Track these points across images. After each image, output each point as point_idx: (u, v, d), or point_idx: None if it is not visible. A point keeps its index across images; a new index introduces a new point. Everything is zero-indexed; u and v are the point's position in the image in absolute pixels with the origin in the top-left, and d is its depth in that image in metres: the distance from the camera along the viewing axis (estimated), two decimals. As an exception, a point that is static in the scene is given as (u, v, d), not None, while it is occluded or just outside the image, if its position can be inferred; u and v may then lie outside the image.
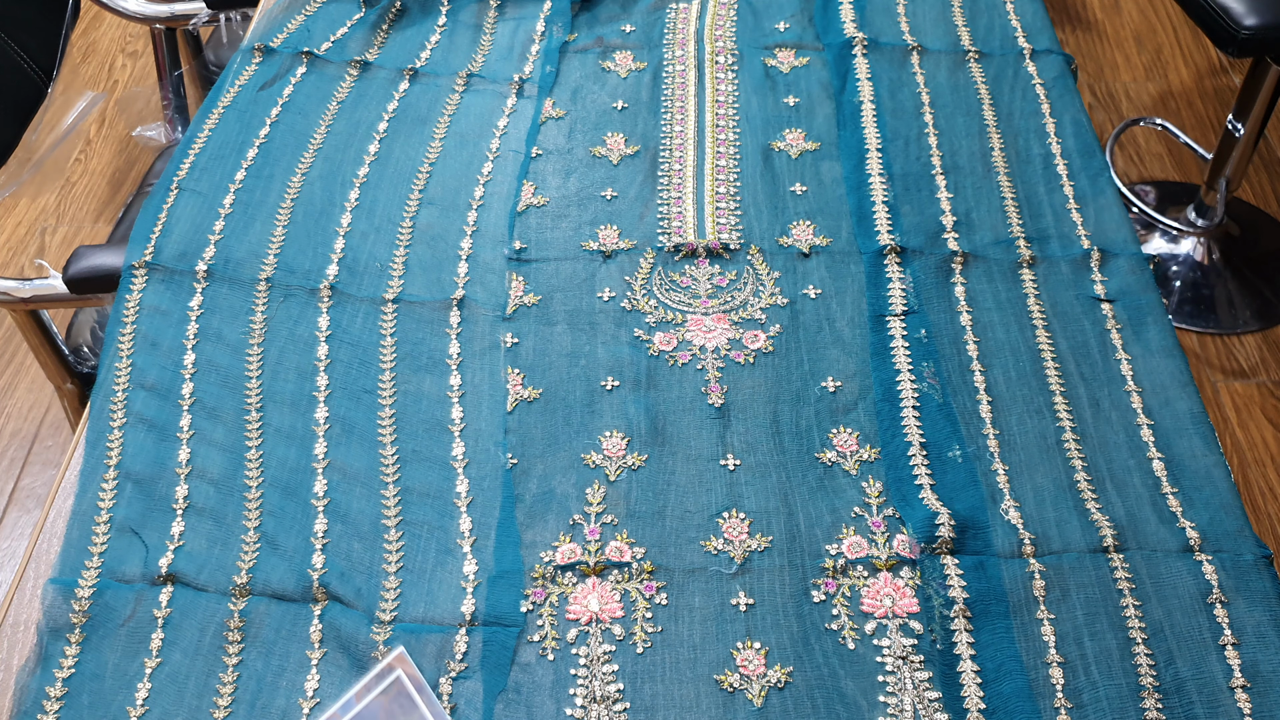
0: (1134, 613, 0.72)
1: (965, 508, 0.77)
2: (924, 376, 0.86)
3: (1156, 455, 0.81)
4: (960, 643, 0.71)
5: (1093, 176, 1.01)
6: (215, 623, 0.73)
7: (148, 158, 2.07)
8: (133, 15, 1.44)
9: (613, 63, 1.15)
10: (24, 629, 0.73)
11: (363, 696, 0.44)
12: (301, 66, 1.13)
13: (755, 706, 0.69)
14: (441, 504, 0.79)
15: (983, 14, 1.19)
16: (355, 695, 0.44)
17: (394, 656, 0.44)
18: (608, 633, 0.72)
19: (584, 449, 0.82)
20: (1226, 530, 0.76)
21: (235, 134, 1.05)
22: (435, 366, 0.88)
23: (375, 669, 0.44)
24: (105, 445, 0.82)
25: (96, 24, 2.38)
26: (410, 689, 0.44)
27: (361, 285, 0.93)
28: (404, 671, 0.44)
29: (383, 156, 1.04)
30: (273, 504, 0.79)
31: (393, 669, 0.44)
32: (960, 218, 0.98)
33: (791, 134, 1.07)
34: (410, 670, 0.44)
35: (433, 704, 0.45)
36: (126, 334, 0.89)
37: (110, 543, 0.77)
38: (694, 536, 0.77)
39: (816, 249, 0.96)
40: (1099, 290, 0.92)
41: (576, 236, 0.97)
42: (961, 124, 1.07)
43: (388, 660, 0.44)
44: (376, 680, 0.44)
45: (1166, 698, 0.69)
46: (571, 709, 0.69)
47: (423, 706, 0.45)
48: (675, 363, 0.88)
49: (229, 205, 0.99)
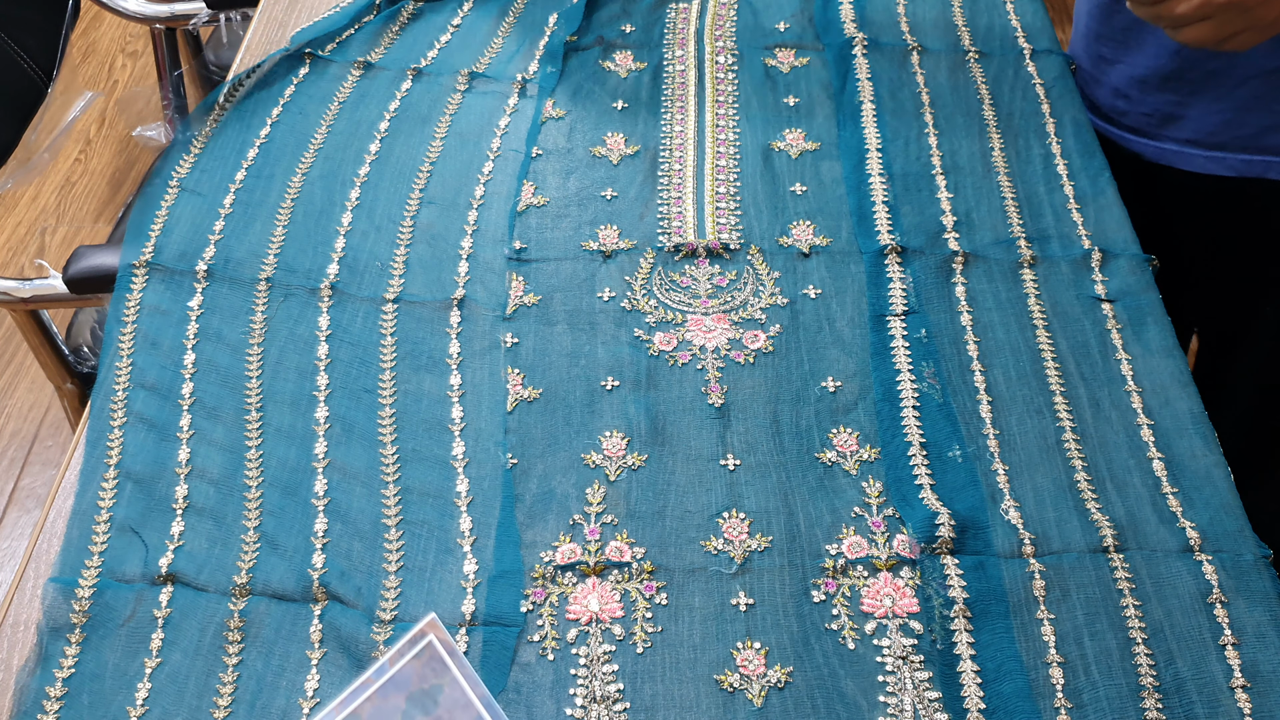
0: (1134, 613, 0.72)
1: (965, 508, 0.77)
2: (924, 376, 0.86)
3: (1156, 455, 0.81)
4: (960, 643, 0.71)
5: (1093, 176, 1.01)
6: (215, 623, 0.73)
7: (148, 158, 2.07)
8: (133, 15, 1.44)
9: (613, 63, 1.15)
10: (24, 629, 0.73)
11: (395, 661, 0.44)
12: (304, 67, 1.13)
13: (755, 706, 0.69)
14: (441, 504, 0.79)
15: (983, 14, 1.19)
16: (389, 660, 0.44)
17: (426, 622, 0.44)
18: (608, 633, 0.73)
19: (584, 449, 0.82)
20: (1226, 530, 0.76)
21: (235, 134, 1.05)
22: (435, 366, 0.88)
23: (408, 634, 0.44)
24: (105, 445, 0.82)
25: (96, 24, 2.38)
26: (442, 653, 0.45)
27: (362, 285, 0.93)
28: (435, 636, 0.44)
29: (383, 156, 1.04)
30: (273, 504, 0.79)
31: (425, 634, 0.44)
32: (960, 218, 0.98)
33: (791, 134, 1.07)
34: (442, 635, 0.44)
35: (464, 667, 0.45)
36: (126, 334, 0.89)
37: (110, 542, 0.77)
38: (694, 536, 0.77)
39: (816, 249, 0.96)
40: (1099, 290, 0.92)
41: (576, 236, 0.97)
42: (961, 124, 1.07)
43: (420, 625, 0.44)
44: (409, 645, 0.44)
45: (1166, 698, 0.69)
46: (571, 709, 0.69)
47: (455, 670, 0.45)
48: (675, 363, 0.88)
49: (229, 205, 0.99)
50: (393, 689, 0.44)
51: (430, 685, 0.44)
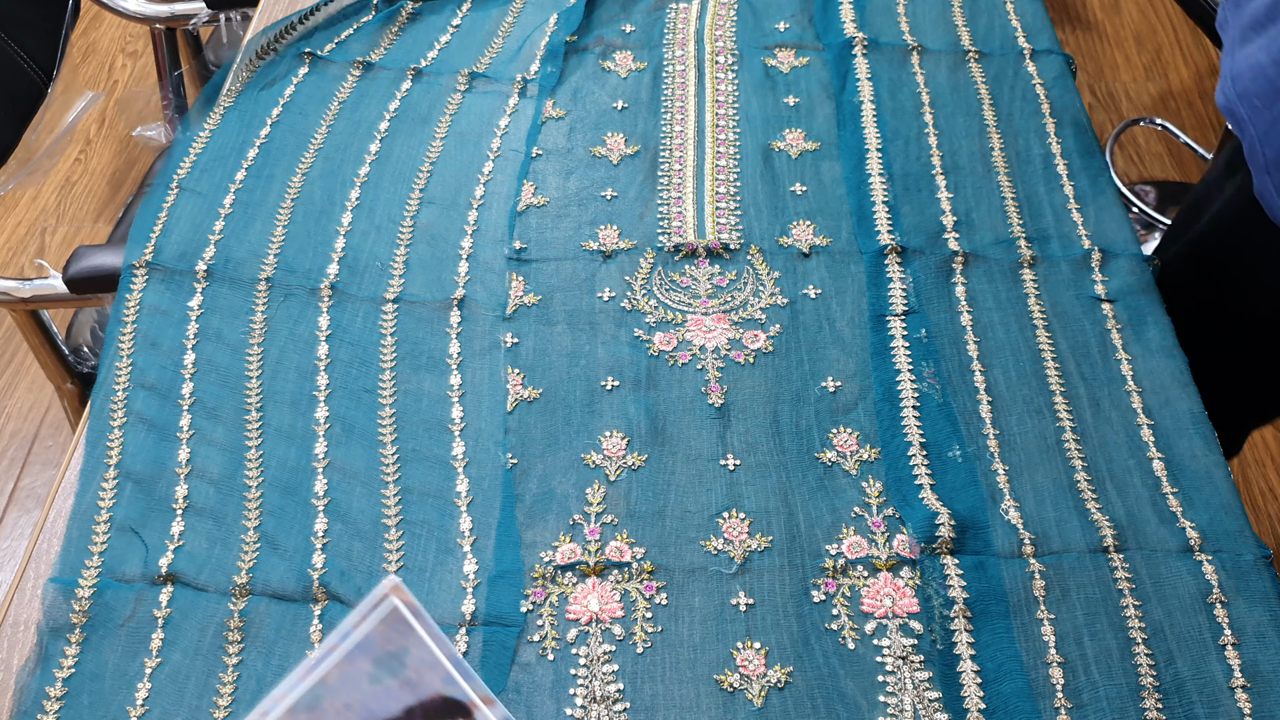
0: (1134, 613, 0.72)
1: (965, 508, 0.77)
2: (924, 376, 0.86)
3: (1156, 455, 0.81)
4: (960, 643, 0.71)
5: (1093, 176, 1.01)
6: (215, 623, 0.73)
7: (148, 158, 2.07)
8: (133, 15, 1.44)
9: (613, 63, 1.15)
10: (24, 629, 0.73)
11: (359, 626, 0.43)
12: (303, 67, 1.13)
13: (755, 706, 0.69)
14: (441, 503, 0.79)
15: (983, 14, 1.19)
16: (352, 626, 0.43)
17: (390, 586, 0.43)
18: (608, 633, 0.73)
19: (584, 449, 0.82)
20: (1226, 530, 0.76)
21: (235, 134, 1.05)
22: (435, 366, 0.88)
23: (369, 598, 0.43)
24: (105, 445, 0.82)
25: (96, 24, 2.38)
26: (407, 614, 0.44)
27: (362, 285, 0.93)
28: (399, 599, 0.44)
29: (383, 156, 1.04)
30: (273, 504, 0.79)
31: (388, 598, 0.44)
32: (960, 218, 0.98)
33: (791, 134, 1.07)
34: (405, 597, 0.44)
35: (431, 628, 0.44)
36: (126, 334, 0.89)
37: (110, 542, 0.77)
38: (694, 536, 0.77)
39: (816, 249, 0.96)
40: (1099, 290, 0.92)
41: (576, 236, 0.97)
42: (961, 124, 1.07)
43: (383, 590, 0.43)
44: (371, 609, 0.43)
45: (1166, 698, 0.69)
46: (571, 709, 0.69)
47: (421, 630, 0.44)
48: (675, 363, 0.88)
49: (229, 205, 0.99)
50: (359, 654, 0.43)
51: (397, 648, 0.43)
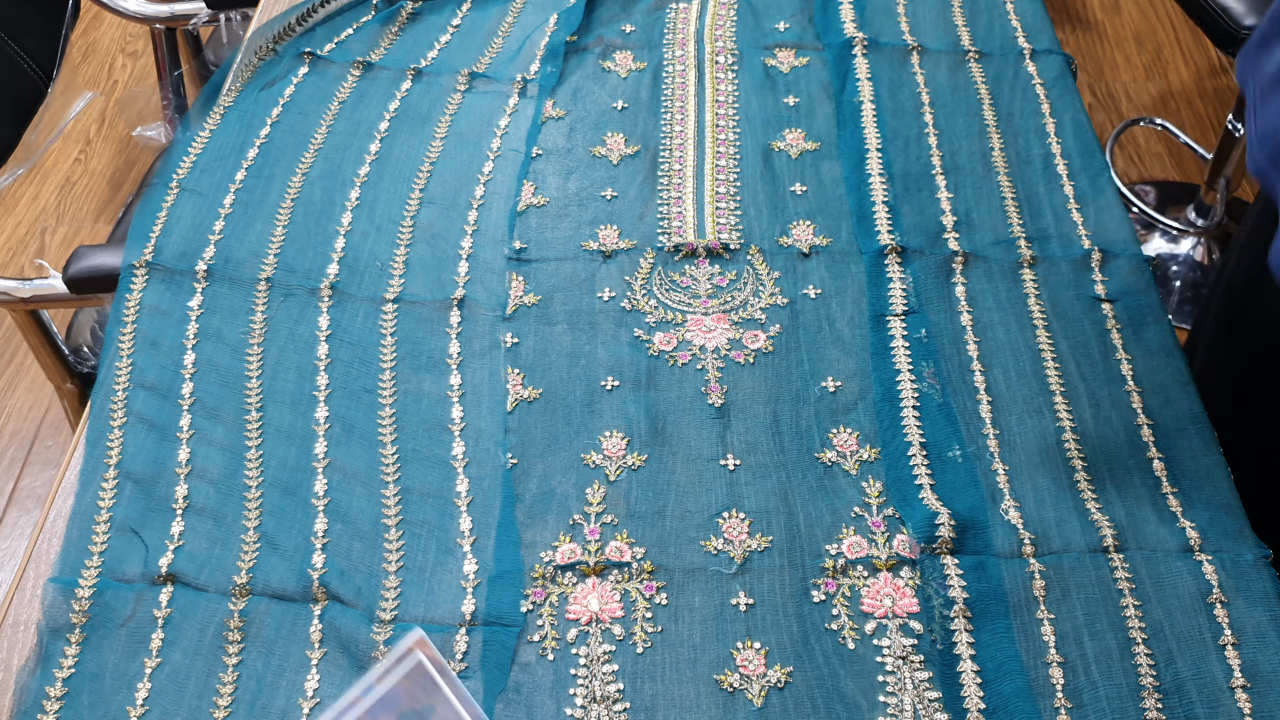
0: (1134, 613, 0.72)
1: (965, 508, 0.77)
2: (924, 376, 0.86)
3: (1156, 455, 0.81)
4: (960, 643, 0.71)
5: (1093, 176, 1.01)
6: (215, 623, 0.73)
7: (148, 158, 2.07)
8: (133, 15, 1.44)
9: (613, 63, 1.15)
10: (24, 629, 0.73)
11: (383, 680, 0.44)
12: (303, 67, 1.13)
13: (755, 706, 0.69)
14: (441, 503, 0.79)
15: (983, 14, 1.19)
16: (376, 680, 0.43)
17: (414, 640, 0.44)
18: (608, 633, 0.73)
19: (584, 449, 0.82)
20: (1226, 530, 0.76)
21: (235, 134, 1.05)
22: (435, 366, 0.88)
23: (395, 651, 0.43)
24: (105, 445, 0.82)
25: (96, 24, 2.38)
26: (432, 671, 0.44)
27: (362, 285, 0.93)
28: (424, 654, 0.44)
29: (383, 155, 1.04)
30: (273, 504, 0.79)
31: (413, 652, 0.44)
32: (960, 218, 0.98)
33: (791, 134, 1.07)
34: (431, 653, 0.44)
35: (456, 685, 0.44)
36: (126, 334, 0.89)
37: (110, 542, 0.77)
38: (694, 536, 0.77)
39: (816, 249, 0.96)
40: (1099, 290, 0.92)
41: (576, 236, 0.97)
42: (961, 124, 1.07)
43: (407, 644, 0.43)
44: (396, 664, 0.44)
45: (1166, 698, 0.69)
46: (571, 709, 0.69)
47: (446, 689, 0.44)
48: (675, 363, 0.88)
49: (229, 205, 0.99)
50: (382, 709, 0.43)
51: (421, 705, 0.44)
